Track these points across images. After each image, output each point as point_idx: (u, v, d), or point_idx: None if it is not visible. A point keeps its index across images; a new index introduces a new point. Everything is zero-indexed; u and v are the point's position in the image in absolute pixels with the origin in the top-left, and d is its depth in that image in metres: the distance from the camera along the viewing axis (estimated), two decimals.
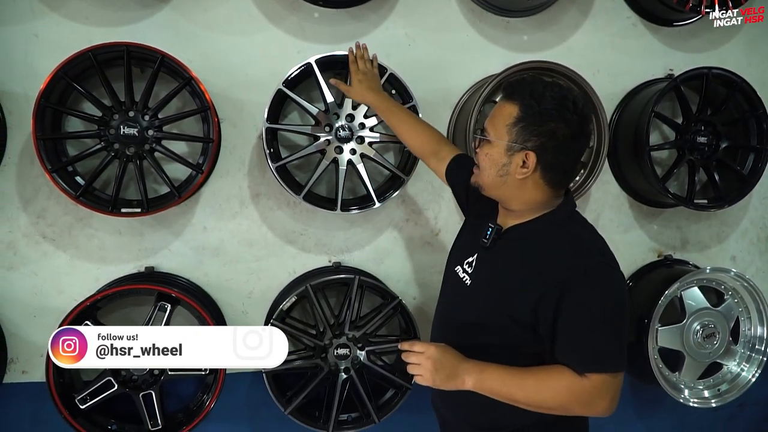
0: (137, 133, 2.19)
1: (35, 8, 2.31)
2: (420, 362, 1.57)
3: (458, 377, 1.55)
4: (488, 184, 1.63)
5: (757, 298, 2.78)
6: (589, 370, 1.48)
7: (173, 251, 2.52)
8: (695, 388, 2.81)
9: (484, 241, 1.67)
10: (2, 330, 2.42)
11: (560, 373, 1.50)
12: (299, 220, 2.62)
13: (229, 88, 2.48)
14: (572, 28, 2.79)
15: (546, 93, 1.51)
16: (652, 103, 2.54)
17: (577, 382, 1.48)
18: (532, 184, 1.57)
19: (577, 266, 1.49)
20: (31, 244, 2.40)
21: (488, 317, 1.62)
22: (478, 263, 1.70)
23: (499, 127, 1.56)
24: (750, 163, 2.78)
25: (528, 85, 1.54)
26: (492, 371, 1.54)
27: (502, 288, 1.60)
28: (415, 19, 2.62)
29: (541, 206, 1.61)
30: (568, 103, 1.50)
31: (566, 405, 1.50)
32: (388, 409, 2.46)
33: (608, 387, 1.48)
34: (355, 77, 2.25)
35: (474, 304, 1.68)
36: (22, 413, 2.48)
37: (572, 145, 1.54)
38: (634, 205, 2.95)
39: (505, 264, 1.63)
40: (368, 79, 2.24)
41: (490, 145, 1.59)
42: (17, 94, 2.31)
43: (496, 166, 1.58)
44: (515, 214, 1.65)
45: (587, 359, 1.49)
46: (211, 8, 2.44)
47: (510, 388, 1.52)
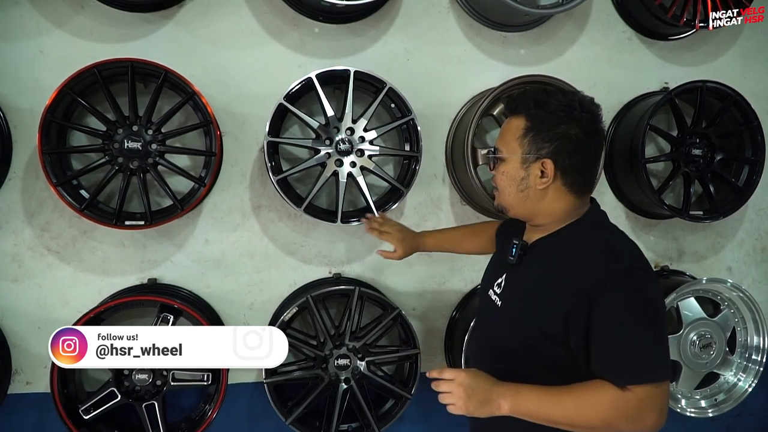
0: (141, 147, 2.22)
1: (41, 25, 2.35)
2: (451, 390, 1.46)
3: (493, 402, 1.44)
4: (511, 203, 1.60)
5: (753, 308, 2.80)
6: (631, 381, 1.37)
7: (176, 263, 2.55)
8: (692, 398, 2.83)
9: (510, 259, 1.63)
10: (7, 341, 2.44)
11: (600, 389, 1.39)
12: (300, 232, 2.65)
13: (231, 103, 2.52)
14: (568, 43, 2.83)
15: (550, 99, 1.50)
16: (648, 116, 2.58)
17: (620, 396, 1.37)
18: (554, 192, 1.54)
19: (607, 272, 1.41)
20: (35, 256, 2.43)
21: (521, 336, 1.56)
22: (507, 282, 1.66)
23: (510, 142, 1.54)
24: (745, 175, 2.81)
25: (531, 96, 1.53)
26: (528, 393, 1.44)
27: (531, 303, 1.54)
28: (414, 33, 2.66)
29: (567, 216, 1.57)
30: (575, 103, 1.49)
31: (611, 422, 1.38)
32: (388, 419, 2.48)
33: (654, 399, 1.37)
34: (393, 240, 2.23)
35: (505, 324, 1.63)
36: (27, 424, 2.49)
37: (587, 143, 1.51)
38: (631, 216, 2.98)
39: (533, 278, 1.57)
40: (403, 234, 2.24)
41: (504, 163, 1.57)
42: (23, 109, 2.35)
43: (515, 182, 1.55)
44: (541, 228, 1.61)
45: (627, 370, 1.38)
46: (213, 24, 2.49)
47: (548, 409, 1.42)
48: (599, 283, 1.40)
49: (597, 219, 1.60)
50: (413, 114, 2.43)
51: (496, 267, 1.79)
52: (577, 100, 1.51)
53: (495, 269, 1.78)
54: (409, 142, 2.55)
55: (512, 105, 1.57)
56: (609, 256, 1.46)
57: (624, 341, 1.39)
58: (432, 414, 1.83)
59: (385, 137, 2.59)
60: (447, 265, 2.79)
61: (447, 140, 2.74)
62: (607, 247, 1.49)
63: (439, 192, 2.76)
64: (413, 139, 2.50)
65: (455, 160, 2.69)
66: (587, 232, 1.55)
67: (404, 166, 2.61)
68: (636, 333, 1.39)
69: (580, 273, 1.44)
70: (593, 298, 1.39)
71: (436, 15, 2.68)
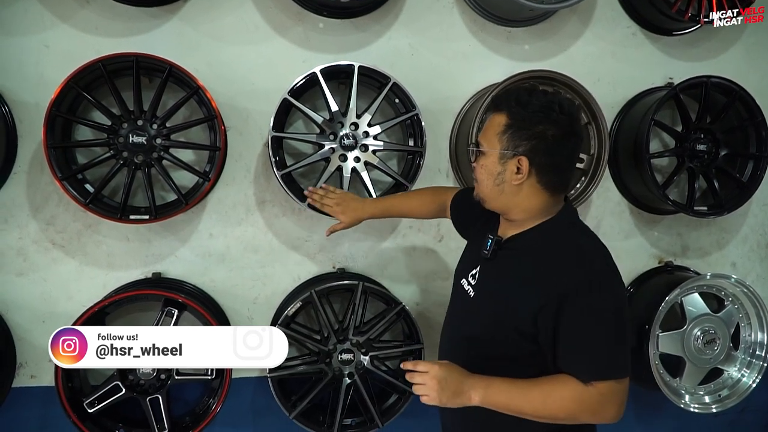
0: (146, 142, 2.23)
1: (46, 19, 2.36)
2: (425, 382, 1.55)
3: (464, 394, 1.53)
4: (487, 195, 1.65)
5: (758, 304, 2.80)
6: (594, 377, 1.48)
7: (180, 257, 2.56)
8: (696, 394, 2.83)
9: (485, 253, 1.68)
10: (12, 335, 2.45)
11: (565, 383, 1.50)
12: (304, 227, 2.65)
13: (235, 97, 2.52)
14: (573, 38, 2.83)
15: (532, 99, 1.54)
16: (652, 112, 2.58)
17: (583, 390, 1.48)
18: (529, 189, 1.59)
19: (577, 275, 1.49)
20: (40, 250, 2.44)
21: (493, 328, 1.63)
22: (481, 275, 1.71)
23: (491, 137, 1.59)
24: (749, 171, 2.80)
25: (513, 94, 1.58)
26: (497, 385, 1.54)
27: (504, 298, 1.61)
28: (418, 29, 2.66)
29: (541, 214, 1.62)
30: (554, 105, 1.53)
31: (574, 414, 1.50)
32: (392, 414, 2.49)
33: (615, 394, 1.48)
34: (336, 212, 2.24)
35: (478, 316, 1.69)
36: (31, 417, 2.51)
37: (564, 144, 1.55)
38: (635, 211, 2.98)
39: (506, 274, 1.64)
40: (346, 204, 2.24)
41: (484, 156, 1.62)
42: (28, 103, 2.36)
43: (492, 176, 1.61)
44: (516, 224, 1.66)
45: (591, 367, 1.49)
46: (218, 19, 2.49)
47: (516, 402, 1.52)
48: (570, 285, 1.48)
49: (571, 219, 1.66)
50: (417, 109, 2.43)
51: (470, 257, 1.82)
52: (557, 101, 1.55)
53: (470, 259, 1.81)
54: (413, 137, 2.55)
55: (496, 101, 1.62)
56: (581, 258, 1.54)
57: (589, 340, 1.49)
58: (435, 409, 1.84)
59: (389, 132, 2.59)
60: (451, 259, 2.79)
61: (451, 135, 2.74)
62: (581, 249, 1.57)
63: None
64: (417, 135, 2.50)
65: (459, 155, 2.69)
66: (561, 232, 1.61)
67: (408, 161, 2.61)
68: (600, 333, 1.49)
69: (553, 273, 1.52)
70: (563, 298, 1.47)
71: (440, 10, 2.68)
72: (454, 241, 2.77)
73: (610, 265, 1.57)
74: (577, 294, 1.47)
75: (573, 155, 1.61)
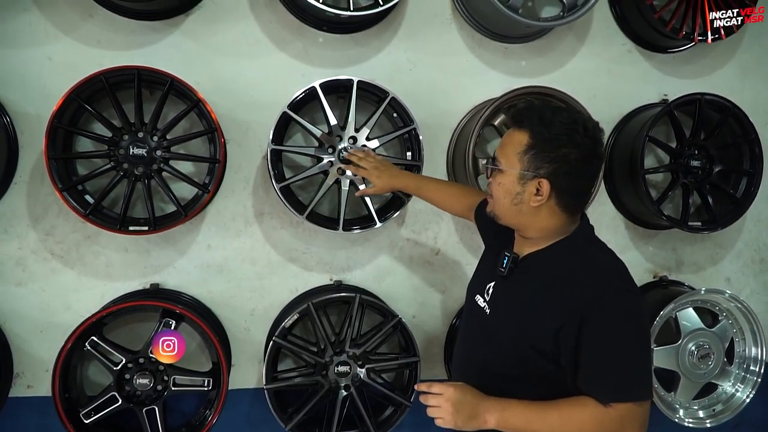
0: (146, 154, 2.25)
1: (49, 32, 2.38)
2: (440, 404, 1.51)
3: (480, 417, 1.49)
4: (503, 214, 1.62)
5: (752, 319, 2.81)
6: (614, 399, 1.42)
7: (178, 269, 2.57)
8: (690, 408, 2.84)
9: (501, 270, 1.65)
10: (9, 345, 2.46)
11: (584, 405, 1.45)
12: (302, 239, 2.67)
13: (235, 110, 2.54)
14: (569, 54, 2.86)
15: (555, 119, 1.50)
16: (647, 128, 2.61)
17: (603, 413, 1.43)
18: (547, 211, 1.55)
19: (596, 293, 1.45)
20: (39, 260, 2.45)
21: (509, 347, 1.59)
22: (496, 291, 1.68)
23: (511, 156, 1.55)
24: (743, 187, 2.83)
25: (537, 112, 1.53)
26: (514, 408, 1.49)
27: (521, 317, 1.57)
28: (417, 44, 2.70)
29: (558, 232, 1.59)
30: (579, 127, 1.49)
31: None
32: (388, 426, 2.49)
33: (635, 416, 1.42)
34: (372, 175, 2.27)
35: (495, 334, 1.65)
36: (28, 427, 2.50)
37: (586, 169, 1.52)
38: (630, 226, 3.00)
39: (524, 293, 1.60)
40: (383, 169, 2.28)
41: (502, 175, 1.57)
42: (30, 115, 2.38)
43: (509, 195, 1.57)
44: (531, 241, 1.63)
45: (611, 388, 1.43)
46: (219, 33, 2.52)
47: (534, 425, 1.47)
48: (590, 303, 1.44)
49: (587, 236, 1.63)
50: (415, 123, 2.46)
51: (485, 273, 1.79)
52: (582, 123, 1.51)
53: (484, 275, 1.78)
54: (411, 151, 2.58)
55: (518, 117, 1.57)
56: (600, 276, 1.51)
57: (610, 360, 1.44)
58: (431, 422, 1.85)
59: (387, 146, 2.62)
60: (448, 273, 2.81)
61: (448, 150, 2.76)
62: (599, 267, 1.54)
63: None
64: (415, 148, 2.53)
65: (456, 170, 2.71)
66: (579, 250, 1.58)
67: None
68: (622, 353, 1.44)
69: (572, 292, 1.48)
70: (584, 317, 1.43)
71: (438, 26, 2.72)
72: (451, 254, 2.80)
73: (628, 281, 1.54)
74: (598, 311, 1.43)
75: (594, 177, 1.57)
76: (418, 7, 2.68)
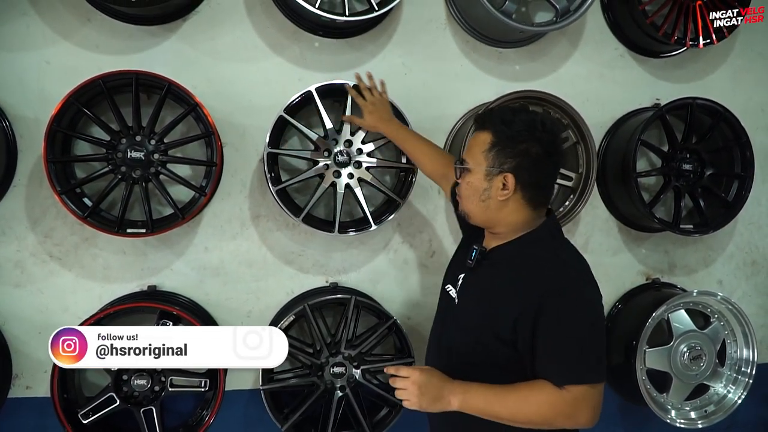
0: (144, 157, 2.27)
1: (47, 36, 2.40)
2: (406, 387, 1.60)
3: (443, 399, 1.58)
4: (472, 211, 1.72)
5: (743, 321, 2.84)
6: (568, 381, 1.52)
7: (175, 271, 2.59)
8: (682, 410, 2.86)
9: (469, 263, 1.74)
10: (7, 346, 2.47)
11: (541, 388, 1.54)
12: (298, 242, 2.69)
13: (232, 114, 2.57)
14: (562, 59, 2.89)
15: (515, 118, 1.61)
16: (639, 132, 2.64)
17: (558, 395, 1.52)
18: (513, 204, 1.65)
19: (555, 283, 1.56)
20: (37, 262, 2.47)
21: (475, 335, 1.67)
22: (465, 282, 1.78)
23: (477, 155, 1.65)
24: (734, 190, 2.86)
25: (497, 114, 1.65)
26: (476, 391, 1.58)
27: (486, 306, 1.67)
28: (412, 49, 2.72)
29: (524, 226, 1.68)
30: (537, 123, 1.60)
31: (549, 419, 1.54)
32: (383, 427, 2.51)
33: (589, 398, 1.52)
34: (365, 109, 2.33)
35: (462, 322, 1.75)
36: (26, 428, 2.52)
37: (547, 161, 1.62)
38: (623, 229, 3.03)
39: (489, 283, 1.70)
40: (378, 109, 2.33)
41: (470, 173, 1.68)
42: (28, 119, 2.40)
43: (477, 192, 1.67)
44: (500, 236, 1.72)
45: (564, 371, 1.54)
46: (216, 37, 2.54)
47: (494, 406, 1.56)
48: (547, 292, 1.54)
49: (552, 232, 1.72)
50: (410, 127, 2.47)
51: (457, 265, 1.88)
52: (540, 119, 1.62)
53: (457, 267, 1.88)
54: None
55: (480, 120, 1.69)
56: (559, 268, 1.61)
57: (564, 345, 1.54)
58: (426, 422, 1.87)
59: (382, 149, 2.64)
60: (442, 275, 2.82)
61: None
62: (558, 259, 1.64)
63: (434, 203, 2.81)
64: None
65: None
66: (543, 244, 1.67)
67: (401, 178, 2.66)
68: (575, 338, 1.54)
69: (532, 282, 1.58)
70: (541, 305, 1.53)
71: (433, 31, 2.74)
72: (446, 256, 2.82)
73: (586, 273, 1.64)
74: (552, 299, 1.53)
75: (555, 171, 1.70)
76: (413, 13, 2.71)
